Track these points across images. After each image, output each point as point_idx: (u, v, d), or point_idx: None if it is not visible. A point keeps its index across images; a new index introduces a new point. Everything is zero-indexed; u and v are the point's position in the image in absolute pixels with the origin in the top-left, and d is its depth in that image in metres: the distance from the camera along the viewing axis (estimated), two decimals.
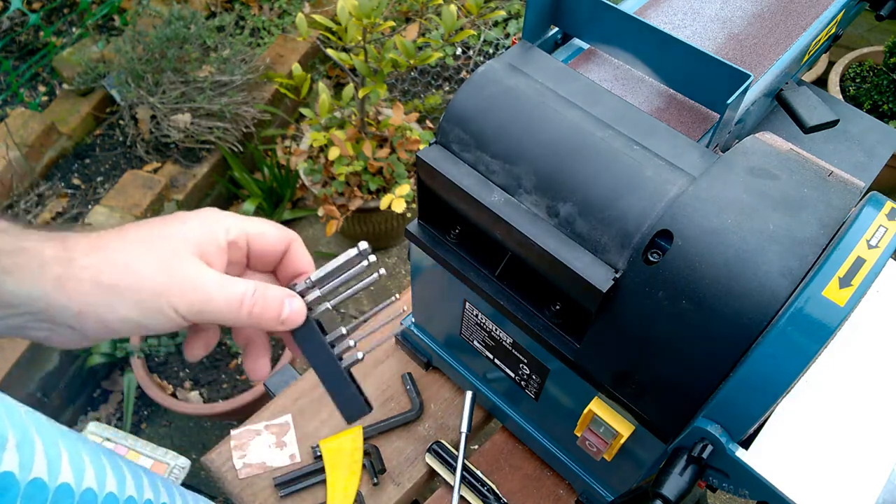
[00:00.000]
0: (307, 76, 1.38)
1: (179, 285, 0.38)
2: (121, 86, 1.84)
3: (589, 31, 0.58)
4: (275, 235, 0.43)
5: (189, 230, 0.40)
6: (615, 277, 0.45)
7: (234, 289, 0.39)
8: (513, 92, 0.51)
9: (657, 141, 0.49)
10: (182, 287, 0.38)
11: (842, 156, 0.70)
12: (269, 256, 0.44)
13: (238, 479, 0.77)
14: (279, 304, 0.41)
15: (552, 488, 0.75)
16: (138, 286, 0.37)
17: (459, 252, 0.58)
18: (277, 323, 0.41)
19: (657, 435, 0.51)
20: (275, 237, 0.43)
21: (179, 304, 0.38)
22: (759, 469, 0.41)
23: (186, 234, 0.39)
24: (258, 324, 0.40)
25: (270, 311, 0.41)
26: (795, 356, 0.39)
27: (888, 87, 1.87)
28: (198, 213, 0.41)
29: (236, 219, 0.42)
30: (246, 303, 0.39)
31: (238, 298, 0.39)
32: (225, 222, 0.41)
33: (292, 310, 0.42)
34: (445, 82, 2.15)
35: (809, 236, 0.41)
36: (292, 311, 0.42)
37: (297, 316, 0.42)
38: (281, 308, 0.41)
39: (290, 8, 2.21)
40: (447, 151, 0.53)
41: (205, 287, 0.38)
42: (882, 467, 0.41)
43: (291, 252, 0.44)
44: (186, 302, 0.38)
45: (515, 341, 0.61)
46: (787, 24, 0.62)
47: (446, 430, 0.79)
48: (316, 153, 1.73)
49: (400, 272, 1.92)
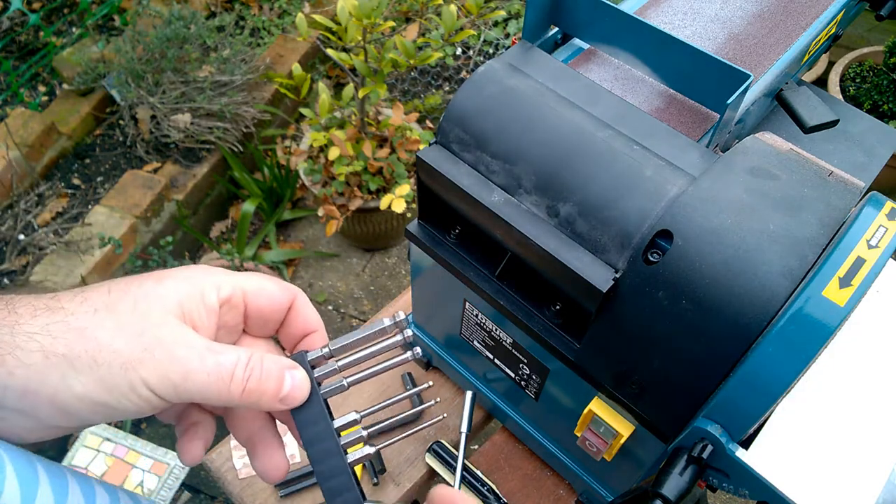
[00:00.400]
0: (307, 76, 1.38)
1: (152, 355, 0.30)
2: (121, 86, 1.84)
3: (589, 31, 0.58)
4: (275, 291, 0.37)
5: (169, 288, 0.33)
6: (615, 277, 0.45)
7: (222, 358, 0.32)
8: (513, 92, 0.51)
9: (657, 141, 0.49)
10: (156, 357, 0.30)
11: (842, 156, 0.70)
12: (271, 316, 0.37)
13: (238, 479, 0.77)
14: (279, 376, 0.34)
15: (552, 488, 0.75)
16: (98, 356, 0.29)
17: (459, 252, 0.58)
18: (276, 401, 0.34)
19: (657, 435, 0.51)
20: (276, 293, 0.37)
21: (152, 378, 0.30)
22: (759, 469, 0.41)
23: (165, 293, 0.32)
24: (254, 403, 0.33)
25: (269, 385, 0.33)
26: (795, 356, 0.39)
27: (888, 87, 1.87)
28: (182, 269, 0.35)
29: (228, 275, 0.36)
30: (237, 376, 0.32)
31: (228, 370, 0.32)
32: (215, 278, 0.35)
33: (294, 384, 0.34)
34: (445, 82, 2.15)
35: (809, 236, 0.41)
36: (294, 387, 0.34)
37: (299, 392, 0.35)
38: (281, 382, 0.34)
39: (290, 8, 2.21)
40: (447, 151, 0.53)
41: (185, 356, 0.31)
42: (882, 467, 0.41)
43: (295, 310, 0.38)
44: (160, 375, 0.30)
45: (515, 341, 0.61)
46: (787, 24, 0.62)
47: (446, 430, 0.79)
48: (316, 153, 1.73)
49: (400, 272, 1.92)
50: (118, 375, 0.30)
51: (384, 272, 1.93)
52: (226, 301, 0.35)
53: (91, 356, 0.29)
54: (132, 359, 0.30)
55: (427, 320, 0.77)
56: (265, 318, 0.37)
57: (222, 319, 0.35)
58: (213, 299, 0.34)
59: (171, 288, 0.33)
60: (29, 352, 0.29)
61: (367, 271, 1.93)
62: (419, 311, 0.78)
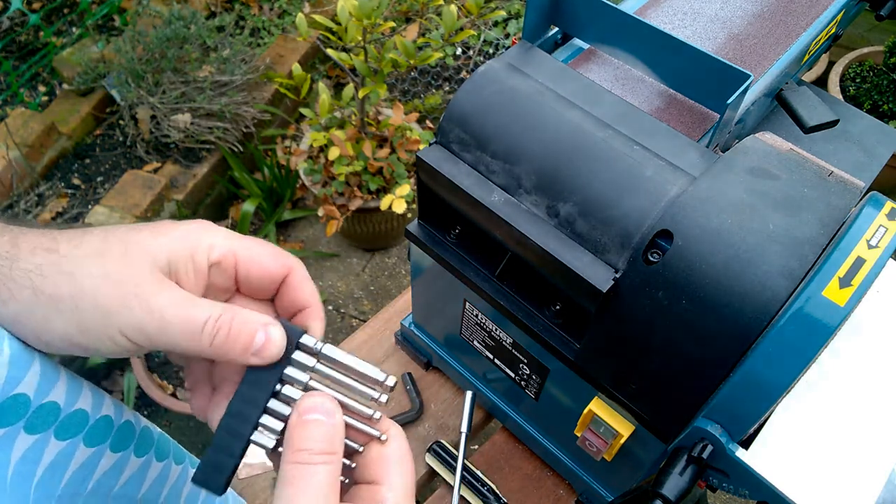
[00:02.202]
0: (307, 76, 1.38)
1: (130, 305, 0.31)
2: (121, 86, 1.84)
3: (589, 31, 0.58)
4: (268, 261, 0.36)
5: (162, 244, 0.33)
6: (615, 277, 0.45)
7: (194, 311, 0.32)
8: (513, 92, 0.51)
9: (657, 141, 0.49)
10: (132, 307, 0.31)
11: (842, 156, 0.70)
12: (260, 285, 0.37)
13: (238, 479, 0.77)
14: (250, 332, 0.33)
15: (552, 488, 0.75)
16: (80, 302, 0.31)
17: (459, 252, 0.58)
18: (248, 354, 0.34)
19: (657, 435, 0.51)
20: (268, 263, 0.36)
21: (127, 327, 0.31)
22: (759, 469, 0.41)
23: (157, 248, 0.33)
24: (224, 355, 0.33)
25: (240, 339, 0.33)
26: (795, 356, 0.39)
27: (888, 87, 1.87)
28: (182, 224, 0.35)
29: (226, 236, 0.36)
30: (207, 329, 0.32)
31: (198, 323, 0.32)
32: (211, 238, 0.35)
33: (269, 338, 0.34)
34: (445, 82, 2.15)
35: (809, 236, 0.41)
36: (268, 342, 0.34)
37: (274, 348, 0.34)
38: (252, 338, 0.33)
39: (290, 8, 2.21)
40: (447, 151, 0.53)
41: (160, 309, 0.32)
42: (882, 467, 0.41)
43: (292, 282, 0.37)
44: (135, 325, 0.31)
45: (515, 341, 0.61)
46: (787, 24, 0.62)
47: (446, 430, 0.79)
48: (316, 153, 1.73)
49: (400, 272, 1.92)
50: (97, 321, 0.31)
51: (384, 272, 1.93)
52: (216, 263, 0.35)
53: (74, 300, 0.31)
54: (111, 307, 0.31)
55: (427, 320, 0.77)
56: (254, 286, 0.37)
57: (212, 279, 0.36)
58: (203, 260, 0.35)
59: (164, 243, 0.34)
60: (21, 287, 0.31)
61: (367, 271, 1.93)
62: (419, 311, 0.78)
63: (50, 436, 0.35)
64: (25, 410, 0.34)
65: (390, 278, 1.92)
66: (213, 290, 0.36)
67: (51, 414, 0.35)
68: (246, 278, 0.37)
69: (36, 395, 0.34)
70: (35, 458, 0.35)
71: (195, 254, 0.34)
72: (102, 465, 0.40)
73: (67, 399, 0.36)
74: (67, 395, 0.36)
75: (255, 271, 0.36)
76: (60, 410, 0.35)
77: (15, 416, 0.33)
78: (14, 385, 0.32)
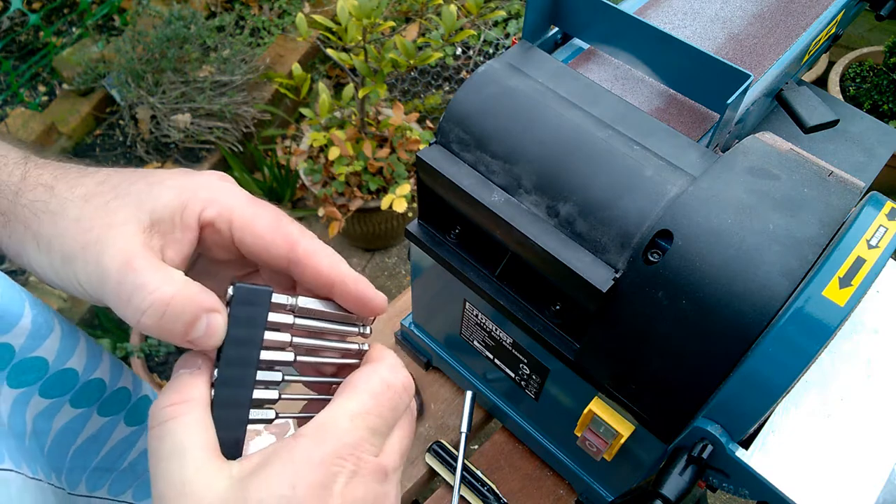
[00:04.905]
0: (307, 76, 1.38)
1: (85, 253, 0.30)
2: (121, 86, 1.84)
3: (589, 31, 0.58)
4: (266, 229, 0.32)
5: (151, 194, 0.31)
6: (615, 277, 0.45)
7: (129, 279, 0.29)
8: (513, 92, 0.51)
9: (657, 141, 0.49)
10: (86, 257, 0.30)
11: (842, 156, 0.70)
12: (258, 255, 0.33)
13: None
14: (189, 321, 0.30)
15: (552, 488, 0.75)
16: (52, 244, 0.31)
17: (459, 252, 0.58)
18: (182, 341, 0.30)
19: (657, 435, 0.51)
20: (265, 231, 0.32)
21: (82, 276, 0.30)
22: (758, 469, 0.41)
23: (143, 198, 0.31)
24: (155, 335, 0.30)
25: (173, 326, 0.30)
26: (795, 356, 0.39)
27: (888, 87, 1.87)
28: (189, 175, 0.33)
29: (229, 195, 0.33)
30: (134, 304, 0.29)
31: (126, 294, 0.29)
32: (211, 195, 0.32)
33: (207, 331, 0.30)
34: (445, 82, 2.15)
35: (809, 236, 0.41)
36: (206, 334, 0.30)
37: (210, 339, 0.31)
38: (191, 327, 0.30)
39: (290, 8, 2.21)
40: (447, 151, 0.53)
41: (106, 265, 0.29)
42: (882, 467, 0.41)
43: (300, 258, 0.33)
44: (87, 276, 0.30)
45: (515, 341, 0.61)
46: (787, 24, 0.62)
47: (446, 430, 0.79)
48: (316, 153, 1.73)
49: (400, 272, 1.92)
50: (62, 266, 0.31)
51: (384, 272, 1.93)
52: (209, 223, 0.32)
53: (48, 241, 0.31)
54: (72, 253, 0.30)
55: (427, 320, 0.77)
56: (253, 256, 0.33)
57: (208, 241, 0.33)
58: (192, 217, 0.32)
59: (153, 195, 0.31)
60: (17, 221, 0.32)
61: (367, 271, 1.93)
62: (419, 311, 0.78)
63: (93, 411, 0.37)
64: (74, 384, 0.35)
65: (390, 278, 1.92)
66: (210, 254, 0.34)
67: (96, 391, 0.36)
68: (241, 246, 0.33)
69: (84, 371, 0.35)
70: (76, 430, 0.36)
71: (185, 209, 0.31)
72: (140, 445, 0.41)
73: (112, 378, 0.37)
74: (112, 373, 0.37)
75: (248, 239, 0.32)
76: (106, 388, 0.36)
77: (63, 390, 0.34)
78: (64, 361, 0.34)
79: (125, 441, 0.40)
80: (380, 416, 0.31)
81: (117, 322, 1.66)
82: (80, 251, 0.30)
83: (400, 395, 0.32)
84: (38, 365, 0.33)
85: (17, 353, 0.33)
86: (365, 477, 0.30)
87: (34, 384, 0.34)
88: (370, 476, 0.30)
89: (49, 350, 0.34)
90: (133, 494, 0.43)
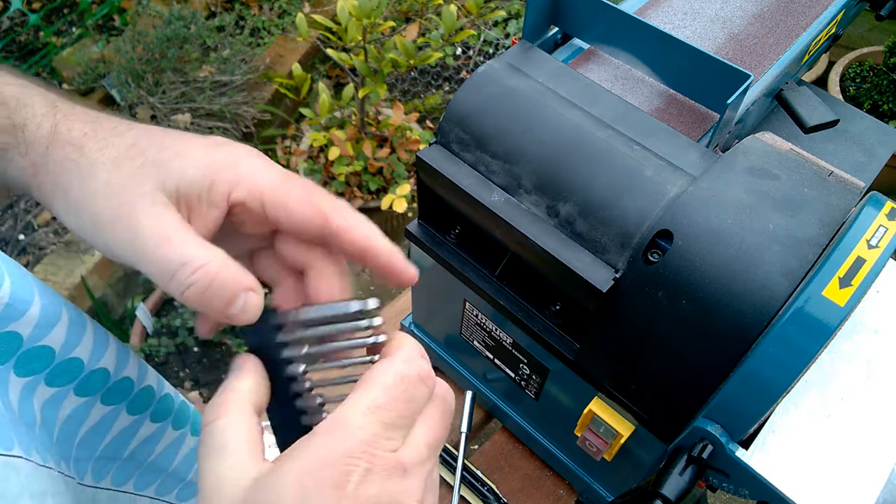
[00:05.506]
0: (307, 76, 1.39)
1: (116, 224, 0.30)
2: (121, 86, 1.84)
3: (589, 31, 0.58)
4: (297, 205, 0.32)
5: (178, 168, 0.31)
6: (615, 277, 0.45)
7: (173, 251, 0.30)
8: (513, 92, 0.51)
9: (657, 141, 0.49)
10: (118, 228, 0.30)
11: (842, 156, 0.70)
12: (296, 231, 0.33)
13: None
14: (229, 297, 0.31)
15: (552, 488, 0.75)
16: (80, 206, 0.31)
17: (459, 252, 0.58)
18: (223, 316, 0.32)
19: (657, 435, 0.51)
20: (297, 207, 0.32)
21: (115, 246, 0.31)
22: (758, 469, 0.41)
23: (171, 170, 0.31)
24: (198, 308, 0.31)
25: (215, 300, 0.31)
26: (795, 356, 0.39)
27: (888, 87, 1.87)
28: (218, 148, 0.33)
29: (258, 172, 0.33)
30: (179, 278, 0.30)
31: (171, 268, 0.30)
32: (239, 174, 0.32)
33: (246, 303, 0.32)
34: (445, 82, 2.15)
35: (809, 236, 0.41)
36: (242, 311, 0.32)
37: (245, 315, 0.32)
38: (231, 303, 0.31)
39: (290, 8, 2.21)
40: (447, 151, 0.53)
41: (142, 236, 0.30)
42: (882, 467, 0.41)
43: (335, 229, 0.33)
44: (120, 247, 0.30)
45: (515, 341, 0.61)
46: (787, 24, 0.62)
47: None
48: (316, 153, 1.73)
49: None
50: (89, 230, 0.31)
51: None
52: (238, 204, 0.32)
53: (76, 204, 0.31)
54: (103, 218, 0.31)
55: (427, 320, 0.77)
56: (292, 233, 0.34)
57: (237, 220, 0.33)
58: (220, 197, 0.32)
59: (180, 168, 0.31)
60: (46, 173, 0.32)
61: (367, 271, 1.93)
62: (419, 311, 0.78)
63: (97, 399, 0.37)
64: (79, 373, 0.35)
65: None
66: (242, 228, 0.34)
67: (100, 380, 0.37)
68: (276, 222, 0.33)
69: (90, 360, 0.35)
70: (81, 419, 0.37)
71: (213, 187, 0.32)
72: (141, 435, 0.42)
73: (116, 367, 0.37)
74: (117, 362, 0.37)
75: (282, 216, 0.33)
76: (109, 377, 0.37)
77: (69, 378, 0.35)
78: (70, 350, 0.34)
79: (127, 430, 0.41)
80: (394, 410, 0.30)
81: (118, 322, 1.66)
82: (111, 220, 0.30)
83: (416, 385, 0.31)
84: (44, 354, 0.34)
85: (26, 342, 0.33)
86: (380, 474, 0.29)
87: (41, 373, 0.34)
88: (385, 473, 0.29)
89: (56, 339, 0.34)
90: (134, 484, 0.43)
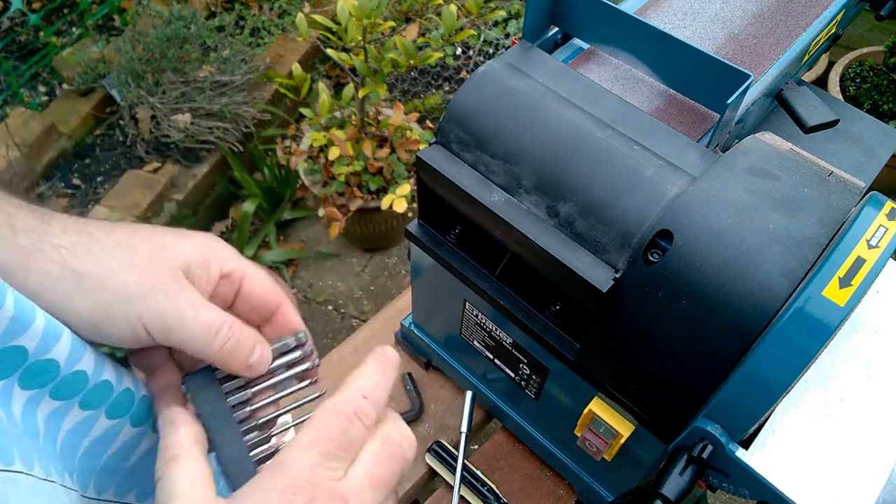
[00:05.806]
0: (307, 76, 1.38)
1: (155, 296, 0.34)
2: (121, 86, 1.84)
3: (589, 31, 0.58)
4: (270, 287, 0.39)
5: (184, 247, 0.36)
6: (615, 277, 0.45)
7: (214, 315, 0.35)
8: (513, 92, 0.51)
9: (657, 141, 0.49)
10: (157, 299, 0.34)
11: (842, 156, 0.70)
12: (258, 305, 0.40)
13: None
14: (250, 347, 0.37)
15: (552, 488, 0.75)
16: (107, 283, 0.33)
17: (459, 252, 0.58)
18: (244, 367, 0.37)
19: (657, 435, 0.51)
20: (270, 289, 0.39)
21: (148, 316, 0.34)
22: (758, 469, 0.41)
23: (180, 250, 0.36)
24: (226, 362, 0.36)
25: (242, 351, 0.37)
26: (795, 356, 0.39)
27: (888, 87, 1.87)
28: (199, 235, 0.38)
29: (236, 255, 0.39)
30: (222, 333, 0.35)
31: (216, 326, 0.35)
32: (224, 253, 0.38)
33: (263, 354, 0.38)
34: (445, 82, 2.15)
35: (809, 236, 0.41)
36: (259, 360, 0.38)
37: (262, 365, 0.38)
38: (251, 352, 0.37)
39: (290, 8, 2.21)
40: (447, 151, 0.53)
41: (183, 305, 0.34)
42: (882, 467, 0.41)
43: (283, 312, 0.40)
44: (157, 316, 0.34)
45: (515, 341, 0.61)
46: (787, 24, 0.62)
47: (446, 430, 0.79)
48: (316, 153, 1.73)
49: (400, 272, 1.92)
50: (118, 305, 0.33)
51: (384, 272, 1.93)
52: (226, 276, 0.38)
53: (101, 281, 0.33)
54: (136, 294, 0.33)
55: (427, 320, 0.77)
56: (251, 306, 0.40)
57: (217, 290, 0.38)
58: (216, 270, 0.37)
59: (187, 248, 0.36)
60: (49, 260, 0.32)
61: (367, 271, 1.93)
62: (419, 311, 0.78)
63: (101, 412, 0.38)
64: (84, 386, 0.36)
65: (390, 278, 1.92)
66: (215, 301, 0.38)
67: (105, 392, 0.37)
68: (247, 297, 0.39)
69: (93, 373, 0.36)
70: (84, 431, 0.37)
71: (210, 262, 0.37)
72: (143, 447, 0.42)
73: (117, 380, 0.38)
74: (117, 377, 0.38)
75: (257, 292, 0.39)
76: (112, 390, 0.38)
77: (73, 392, 0.35)
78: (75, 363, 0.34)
79: (129, 443, 0.41)
80: (331, 442, 0.32)
81: None
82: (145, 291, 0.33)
83: (350, 419, 0.33)
84: (50, 367, 0.34)
85: (31, 356, 0.32)
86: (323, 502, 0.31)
87: (45, 386, 0.34)
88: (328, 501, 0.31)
89: (61, 352, 0.34)
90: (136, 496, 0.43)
